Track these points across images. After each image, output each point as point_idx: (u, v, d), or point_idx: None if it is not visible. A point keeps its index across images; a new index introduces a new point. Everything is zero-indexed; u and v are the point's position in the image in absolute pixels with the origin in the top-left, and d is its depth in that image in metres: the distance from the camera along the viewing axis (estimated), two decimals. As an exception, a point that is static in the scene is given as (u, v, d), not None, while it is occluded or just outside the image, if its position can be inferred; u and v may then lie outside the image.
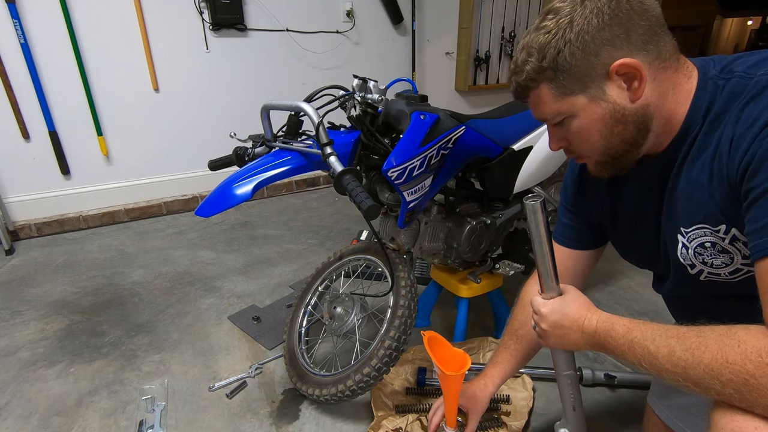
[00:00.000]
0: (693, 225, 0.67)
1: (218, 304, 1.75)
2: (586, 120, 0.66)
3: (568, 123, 0.68)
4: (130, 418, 1.21)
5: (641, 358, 0.62)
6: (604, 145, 0.68)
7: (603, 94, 0.64)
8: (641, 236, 0.79)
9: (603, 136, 0.67)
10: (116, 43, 2.38)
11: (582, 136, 0.68)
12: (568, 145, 0.72)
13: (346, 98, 1.13)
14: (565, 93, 0.65)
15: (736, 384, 0.52)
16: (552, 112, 0.68)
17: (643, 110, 0.64)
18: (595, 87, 0.64)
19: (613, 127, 0.66)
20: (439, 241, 1.36)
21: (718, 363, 0.54)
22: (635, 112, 0.64)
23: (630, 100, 0.64)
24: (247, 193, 0.97)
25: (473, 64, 3.59)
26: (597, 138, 0.67)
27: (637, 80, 0.62)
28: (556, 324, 0.75)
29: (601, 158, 0.71)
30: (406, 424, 1.12)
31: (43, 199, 2.42)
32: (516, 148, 1.34)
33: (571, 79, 0.64)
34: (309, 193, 3.12)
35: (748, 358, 0.52)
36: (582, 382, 1.28)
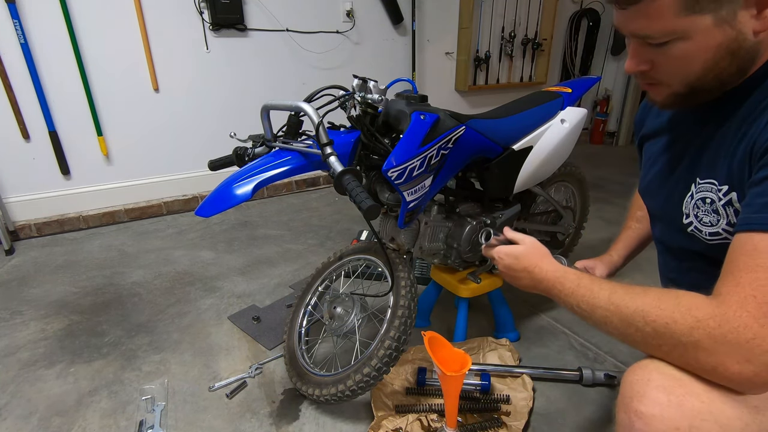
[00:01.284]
0: (707, 178, 0.67)
1: (218, 304, 1.75)
2: (699, 46, 0.57)
3: (671, 45, 0.58)
4: (130, 418, 1.21)
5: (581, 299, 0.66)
6: (699, 76, 0.60)
7: (733, 19, 0.55)
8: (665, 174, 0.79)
9: (705, 67, 0.59)
10: (116, 43, 2.38)
11: (682, 62, 0.59)
12: (651, 69, 0.64)
13: (346, 98, 1.13)
14: (693, 9, 0.54)
15: (657, 325, 0.55)
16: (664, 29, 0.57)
17: (757, 46, 0.57)
18: (728, 8, 0.54)
19: (721, 59, 0.58)
20: (439, 241, 1.36)
21: (651, 306, 0.57)
22: (751, 46, 0.57)
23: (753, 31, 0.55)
24: (247, 193, 0.97)
25: (473, 64, 3.59)
26: (697, 68, 0.59)
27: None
28: (509, 267, 0.83)
29: (682, 89, 0.63)
30: (406, 424, 1.12)
31: (43, 199, 2.42)
32: (516, 148, 1.34)
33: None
34: (309, 193, 3.12)
35: (678, 309, 0.55)
36: (582, 382, 1.28)
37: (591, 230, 2.28)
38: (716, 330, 0.52)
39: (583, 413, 1.20)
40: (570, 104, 1.47)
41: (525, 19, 3.73)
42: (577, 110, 1.46)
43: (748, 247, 0.54)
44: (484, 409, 1.17)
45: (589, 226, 2.04)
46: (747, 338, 0.50)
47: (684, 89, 0.63)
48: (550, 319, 1.60)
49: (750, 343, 0.50)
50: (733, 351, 0.51)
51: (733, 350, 0.51)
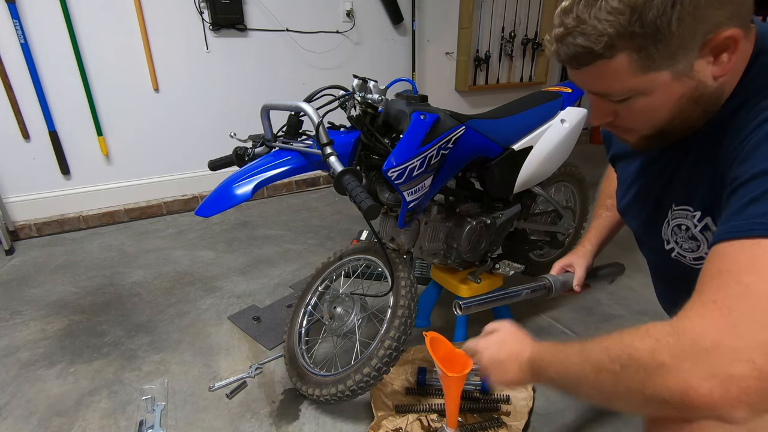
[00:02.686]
0: (680, 205, 0.66)
1: (218, 304, 1.75)
2: (661, 99, 0.56)
3: (633, 100, 0.58)
4: (130, 418, 1.21)
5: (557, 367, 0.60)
6: (667, 122, 0.59)
7: (690, 70, 0.53)
8: (641, 199, 0.78)
9: (671, 114, 0.58)
10: (116, 43, 2.38)
11: (646, 114, 0.59)
12: (615, 119, 0.63)
13: (346, 98, 1.13)
14: (649, 68, 0.53)
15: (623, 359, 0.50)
16: (623, 89, 0.56)
17: (720, 89, 0.56)
18: (684, 61, 0.53)
19: (685, 106, 0.57)
20: (439, 241, 1.36)
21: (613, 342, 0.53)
22: (713, 91, 0.56)
23: (713, 77, 0.54)
24: (247, 193, 0.97)
25: (473, 64, 3.59)
26: (663, 117, 0.58)
27: (728, 53, 0.53)
28: (493, 358, 0.72)
29: (651, 133, 0.63)
30: (406, 424, 1.12)
31: (43, 199, 2.42)
32: (516, 148, 1.34)
33: (665, 51, 0.51)
34: (309, 193, 3.12)
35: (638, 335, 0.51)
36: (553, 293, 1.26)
37: (591, 230, 2.28)
38: (675, 345, 0.46)
39: (583, 413, 1.20)
40: (570, 104, 1.47)
41: (525, 19, 3.73)
42: (577, 110, 1.46)
43: (715, 256, 0.52)
44: (484, 409, 1.17)
45: (589, 226, 2.04)
46: (705, 347, 0.44)
47: (653, 132, 0.63)
48: (551, 319, 1.60)
49: (710, 354, 0.44)
50: (695, 366, 0.44)
51: (695, 365, 0.44)
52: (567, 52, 0.55)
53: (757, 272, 0.45)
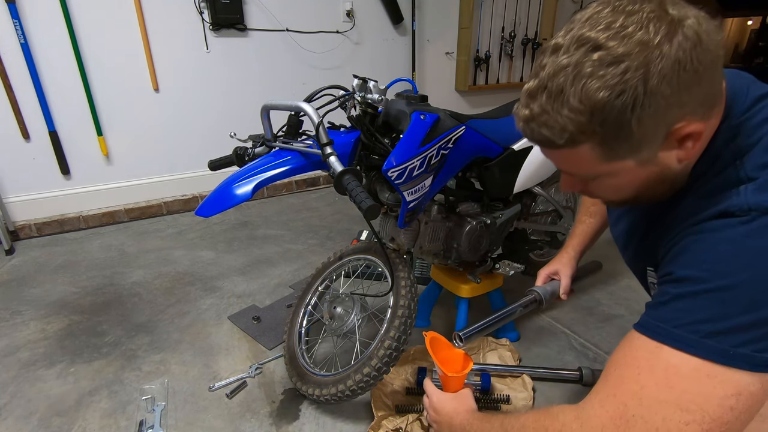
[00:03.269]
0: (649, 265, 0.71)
1: (218, 304, 1.75)
2: (627, 180, 0.58)
3: (601, 179, 0.60)
4: (130, 418, 1.21)
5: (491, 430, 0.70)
6: (634, 196, 0.62)
7: (654, 158, 0.55)
8: (626, 237, 0.81)
9: (638, 191, 0.61)
10: (116, 43, 2.38)
11: (614, 190, 0.62)
12: (585, 188, 0.65)
13: (346, 98, 1.13)
14: (611, 157, 0.55)
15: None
16: (589, 172, 0.59)
17: (685, 168, 0.58)
18: (648, 151, 0.54)
19: (651, 185, 0.59)
20: (439, 241, 1.36)
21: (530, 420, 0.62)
22: (678, 172, 0.58)
23: (678, 160, 0.56)
24: (247, 193, 0.96)
25: (473, 64, 3.59)
26: (630, 193, 0.62)
27: (692, 141, 0.54)
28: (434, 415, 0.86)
29: (621, 203, 0.67)
30: (406, 424, 1.12)
31: (43, 199, 2.42)
32: (516, 148, 1.34)
33: (627, 145, 0.53)
34: (309, 193, 3.12)
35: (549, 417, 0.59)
36: (582, 382, 1.28)
37: (591, 230, 2.28)
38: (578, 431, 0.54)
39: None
40: (570, 104, 1.46)
41: (525, 19, 3.73)
42: (577, 110, 1.46)
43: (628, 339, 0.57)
44: (483, 409, 1.17)
45: (589, 226, 2.04)
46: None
47: (622, 203, 0.67)
48: (551, 319, 1.60)
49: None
50: None
51: None
52: (532, 136, 0.57)
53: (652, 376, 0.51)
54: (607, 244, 1.16)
